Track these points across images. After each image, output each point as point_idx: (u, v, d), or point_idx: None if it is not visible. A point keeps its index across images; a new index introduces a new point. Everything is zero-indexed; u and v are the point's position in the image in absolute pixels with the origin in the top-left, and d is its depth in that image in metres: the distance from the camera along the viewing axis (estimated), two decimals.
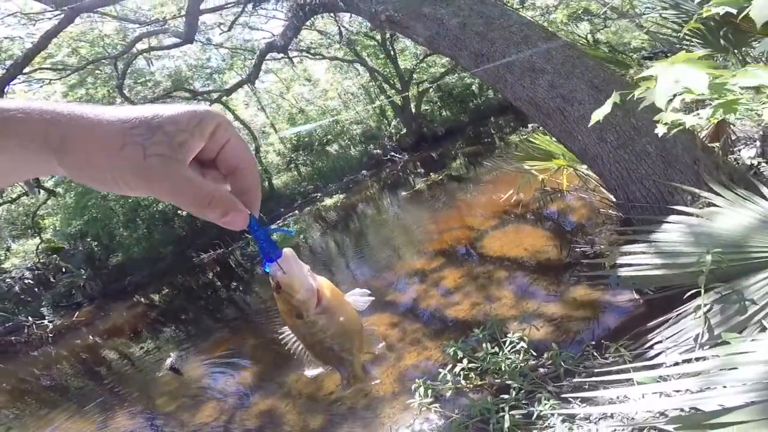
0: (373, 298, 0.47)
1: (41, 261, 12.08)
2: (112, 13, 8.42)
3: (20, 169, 0.31)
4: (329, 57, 13.95)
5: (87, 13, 7.18)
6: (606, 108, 1.49)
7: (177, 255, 11.10)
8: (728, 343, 1.13)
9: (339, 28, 11.89)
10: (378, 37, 13.29)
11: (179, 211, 12.84)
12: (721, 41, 2.33)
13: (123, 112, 0.32)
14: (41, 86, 10.54)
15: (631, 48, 10.75)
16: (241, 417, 3.29)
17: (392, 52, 13.95)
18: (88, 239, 12.47)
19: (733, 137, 3.11)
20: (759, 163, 2.85)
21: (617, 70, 3.05)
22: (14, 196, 11.78)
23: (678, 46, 2.50)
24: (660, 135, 1.81)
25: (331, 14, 10.07)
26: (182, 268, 10.40)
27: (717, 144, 2.73)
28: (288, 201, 12.89)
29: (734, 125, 3.06)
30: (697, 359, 1.29)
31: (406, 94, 13.98)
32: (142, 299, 9.30)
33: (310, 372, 0.46)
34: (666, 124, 1.73)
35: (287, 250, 0.41)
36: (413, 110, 14.53)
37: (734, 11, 1.27)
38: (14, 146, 0.29)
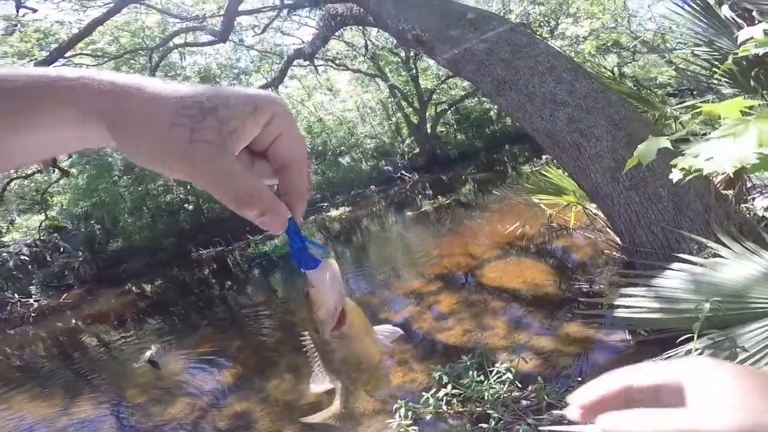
0: (402, 334, 0.45)
1: (41, 238, 12.15)
2: (157, 5, 8.71)
3: (72, 141, 0.30)
4: (352, 69, 14.23)
5: (134, 4, 7.42)
6: (651, 154, 1.45)
7: (177, 248, 11.10)
8: None
9: (366, 41, 12.18)
10: (402, 54, 13.55)
11: (186, 205, 12.95)
12: (751, 82, 2.31)
13: (182, 89, 0.30)
14: None
15: (657, 84, 10.81)
16: (213, 416, 3.21)
17: (415, 71, 14.19)
18: (92, 221, 12.56)
19: (749, 185, 3.06)
20: None
21: (640, 106, 3.03)
22: (29, 172, 11.98)
23: (705, 84, 2.49)
24: (674, 181, 1.78)
25: (359, 27, 10.34)
26: (180, 262, 10.38)
27: (731, 191, 2.68)
28: None
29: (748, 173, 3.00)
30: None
31: (424, 113, 14.16)
32: (134, 288, 9.26)
33: (316, 386, 0.44)
34: (683, 169, 1.70)
35: (330, 262, 0.37)
36: (428, 130, 14.67)
37: None
38: (72, 119, 0.28)
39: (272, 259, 8.38)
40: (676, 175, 1.73)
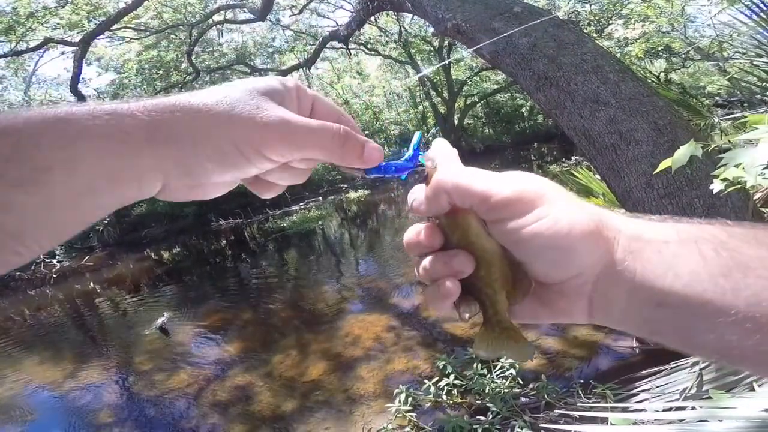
0: None
1: None
2: None
3: (125, 175, 0.26)
4: (384, 55, 14.06)
5: None
6: (681, 160, 1.38)
7: (197, 217, 11.38)
8: (711, 398, 1.09)
9: (400, 27, 11.96)
10: (435, 43, 13.28)
11: None
12: None
13: (213, 90, 0.30)
14: (120, 44, 11.21)
15: (705, 93, 10.27)
16: (215, 387, 3.26)
17: (447, 60, 13.90)
18: None
19: None
20: None
21: (686, 114, 2.88)
22: None
23: (759, 96, 2.33)
24: (714, 192, 1.68)
25: (394, 13, 10.15)
26: (199, 231, 10.64)
27: None
28: (314, 186, 13.03)
29: None
30: (677, 409, 1.26)
31: (452, 104, 13.91)
32: (152, 254, 9.54)
33: (465, 312, 0.32)
34: (725, 180, 1.61)
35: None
36: (455, 122, 14.43)
37: None
38: (124, 150, 0.25)
39: (287, 235, 8.50)
40: (716, 186, 1.63)
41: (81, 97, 7.16)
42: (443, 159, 0.33)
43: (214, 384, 3.32)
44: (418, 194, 0.32)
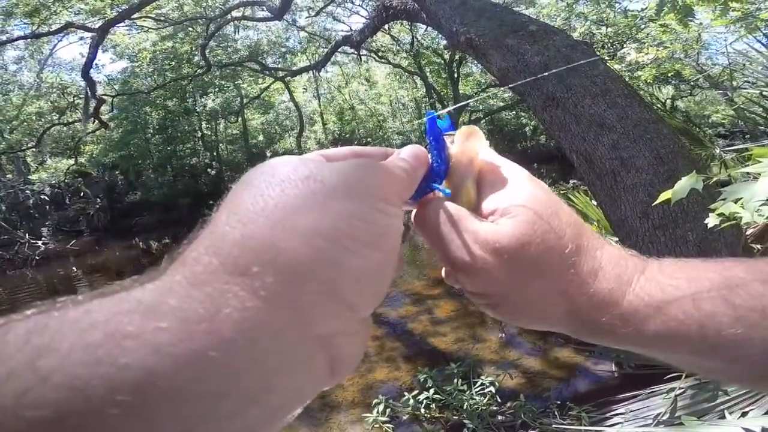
0: None
1: (65, 180, 12.50)
2: None
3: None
4: (394, 63, 14.19)
5: None
6: (681, 193, 1.38)
7: (192, 209, 11.30)
8: (683, 424, 1.08)
9: (413, 38, 12.07)
10: (446, 56, 13.42)
11: (209, 170, 13.18)
12: None
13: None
14: (138, 33, 11.29)
15: (709, 122, 10.35)
16: None
17: (456, 74, 14.04)
18: (117, 172, 12.92)
19: None
20: None
21: (689, 144, 2.90)
22: (71, 120, 12.43)
23: (762, 128, 2.35)
24: (709, 226, 1.67)
25: (408, 23, 10.26)
26: (193, 224, 10.49)
27: (760, 246, 2.54)
28: None
29: None
30: None
31: (457, 118, 13.99)
32: (141, 243, 9.41)
33: None
34: (720, 215, 1.61)
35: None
36: None
37: None
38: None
39: None
40: (712, 221, 1.63)
41: (91, 83, 7.13)
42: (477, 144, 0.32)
43: None
44: None
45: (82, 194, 12.15)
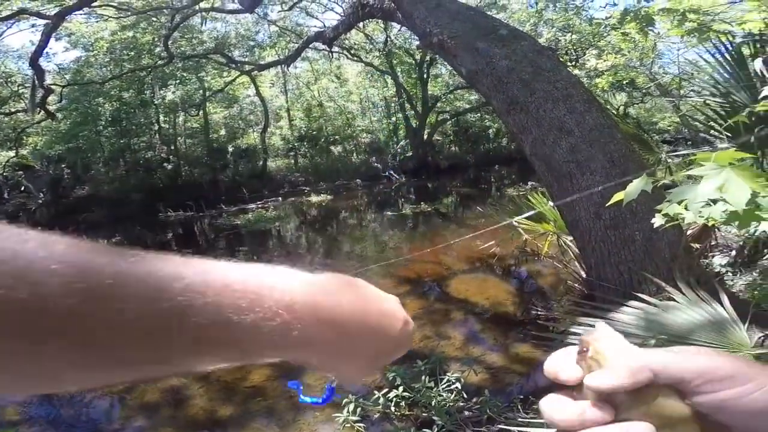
0: None
1: (3, 174, 11.49)
2: None
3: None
4: (365, 62, 14.15)
5: None
6: (633, 194, 1.47)
7: (145, 205, 10.71)
8: None
9: (387, 37, 12.07)
10: (417, 56, 13.55)
11: (165, 164, 12.54)
12: (752, 139, 2.35)
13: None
14: (97, 21, 10.51)
15: (657, 129, 11.06)
16: (143, 387, 2.98)
17: (426, 75, 14.21)
18: (63, 165, 12.03)
19: (713, 243, 3.20)
20: (726, 271, 2.94)
21: (638, 148, 3.09)
22: (13, 109, 11.42)
23: (703, 135, 2.55)
24: (655, 226, 1.81)
25: (382, 22, 10.26)
26: (145, 220, 9.97)
27: (698, 246, 2.78)
28: (275, 186, 12.72)
29: (719, 230, 3.14)
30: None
31: (424, 119, 14.17)
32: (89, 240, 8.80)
33: None
34: (666, 215, 1.74)
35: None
36: (425, 136, 14.72)
37: None
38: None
39: (241, 233, 8.21)
40: (658, 221, 1.77)
41: (40, 72, 6.59)
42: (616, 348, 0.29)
43: (142, 385, 3.05)
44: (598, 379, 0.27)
45: (23, 188, 11.19)
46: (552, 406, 0.29)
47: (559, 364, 0.30)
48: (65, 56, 22.70)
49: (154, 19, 9.81)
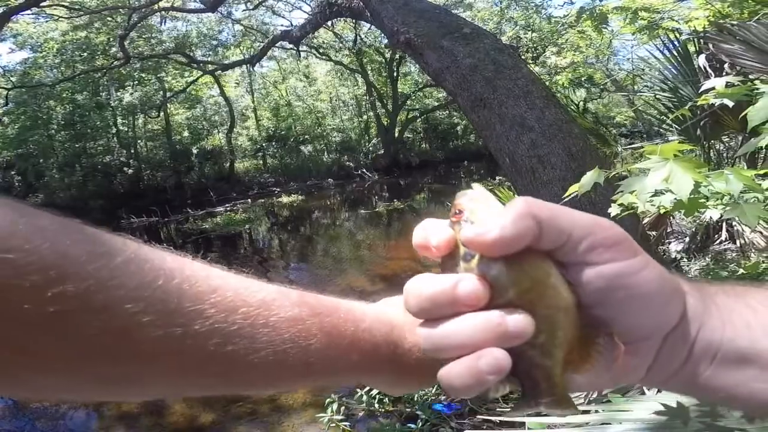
0: None
1: None
2: None
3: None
4: (335, 60, 14.04)
5: None
6: (587, 186, 1.55)
7: (106, 212, 10.19)
8: (610, 401, 1.24)
9: (356, 35, 12.00)
10: (387, 55, 13.58)
11: (125, 168, 11.98)
12: (698, 131, 2.53)
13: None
14: (46, 21, 9.84)
15: (614, 123, 11.64)
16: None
17: (395, 73, 14.27)
18: (12, 173, 11.26)
19: (669, 230, 3.41)
20: (682, 257, 3.14)
21: (595, 142, 3.25)
22: None
23: (656, 128, 2.71)
24: (612, 215, 1.93)
25: (351, 20, 10.20)
26: (106, 227, 9.43)
27: (654, 233, 2.96)
28: (244, 188, 12.44)
29: (674, 217, 3.35)
30: (584, 412, 1.41)
31: (395, 117, 14.23)
32: None
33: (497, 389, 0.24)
34: (621, 205, 1.87)
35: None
36: (396, 134, 14.81)
37: (730, 104, 1.38)
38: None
39: (210, 237, 8.00)
40: (614, 210, 1.89)
41: None
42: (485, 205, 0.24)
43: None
44: (472, 227, 0.23)
45: None
46: (420, 279, 0.24)
47: (430, 229, 0.25)
48: (11, 57, 21.23)
49: (110, 18, 9.35)
